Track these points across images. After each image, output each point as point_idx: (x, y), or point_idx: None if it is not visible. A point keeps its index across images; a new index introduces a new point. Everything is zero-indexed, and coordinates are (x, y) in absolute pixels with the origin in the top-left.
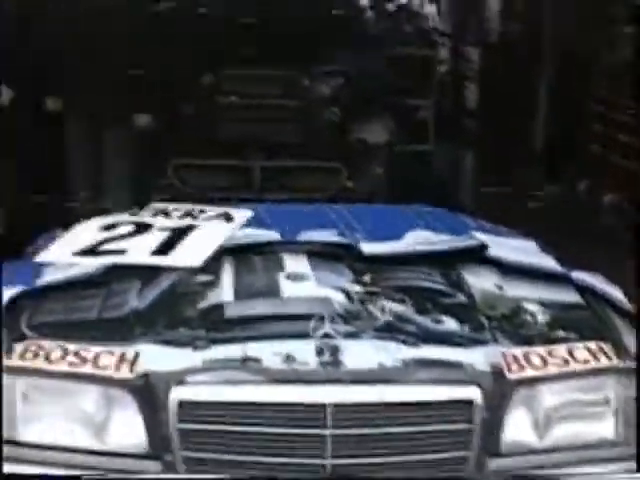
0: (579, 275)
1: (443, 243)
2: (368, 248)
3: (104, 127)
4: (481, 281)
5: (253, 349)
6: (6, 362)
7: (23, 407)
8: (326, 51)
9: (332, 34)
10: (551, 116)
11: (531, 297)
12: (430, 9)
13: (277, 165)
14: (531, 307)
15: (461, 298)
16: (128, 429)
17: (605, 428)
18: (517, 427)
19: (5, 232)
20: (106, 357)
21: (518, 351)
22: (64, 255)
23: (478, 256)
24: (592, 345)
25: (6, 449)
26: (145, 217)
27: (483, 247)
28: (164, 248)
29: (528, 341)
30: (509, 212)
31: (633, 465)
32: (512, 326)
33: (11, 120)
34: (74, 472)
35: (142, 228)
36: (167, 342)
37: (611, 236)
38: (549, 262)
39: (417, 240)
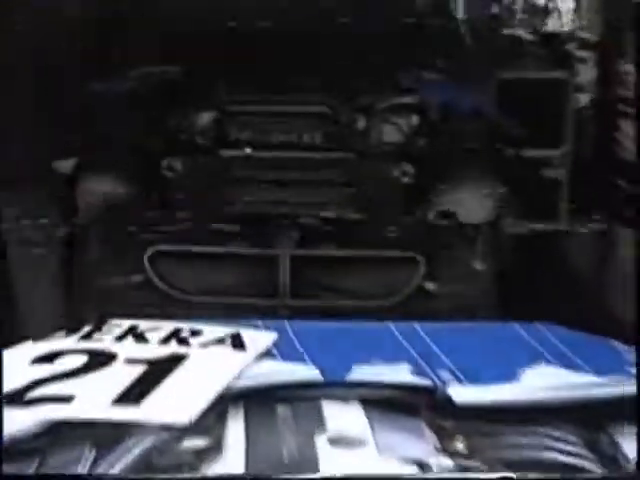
0: None
1: (585, 388)
2: (462, 394)
3: None
4: None
5: None
6: None
7: None
8: (390, 72)
9: (400, 44)
10: None
11: None
12: (563, 3)
13: (315, 255)
14: None
15: None
16: None
17: None
18: None
19: None
20: None
21: None
22: None
23: None
24: None
25: None
26: (105, 341)
27: None
28: (134, 393)
29: None
30: None
31: None
32: None
33: None
34: None
35: (100, 360)
36: None
37: None
38: None
39: (542, 382)
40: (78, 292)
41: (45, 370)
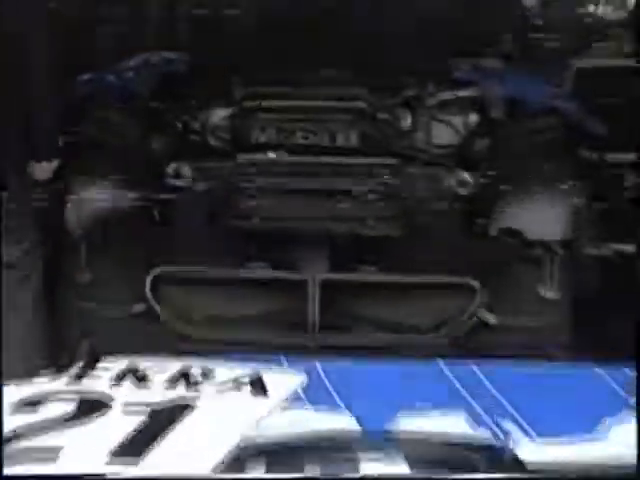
0: None
1: None
2: (530, 452)
3: None
4: None
5: None
6: None
7: None
8: (442, 59)
9: (454, 26)
10: None
11: None
12: None
13: (350, 281)
14: None
15: None
16: None
17: None
18: None
19: None
20: None
21: None
22: None
23: None
24: None
25: None
26: (99, 383)
27: None
28: (134, 446)
29: None
30: None
31: None
32: None
33: None
34: None
35: (93, 406)
36: None
37: None
38: None
39: (629, 438)
40: (66, 324)
41: (28, 418)
